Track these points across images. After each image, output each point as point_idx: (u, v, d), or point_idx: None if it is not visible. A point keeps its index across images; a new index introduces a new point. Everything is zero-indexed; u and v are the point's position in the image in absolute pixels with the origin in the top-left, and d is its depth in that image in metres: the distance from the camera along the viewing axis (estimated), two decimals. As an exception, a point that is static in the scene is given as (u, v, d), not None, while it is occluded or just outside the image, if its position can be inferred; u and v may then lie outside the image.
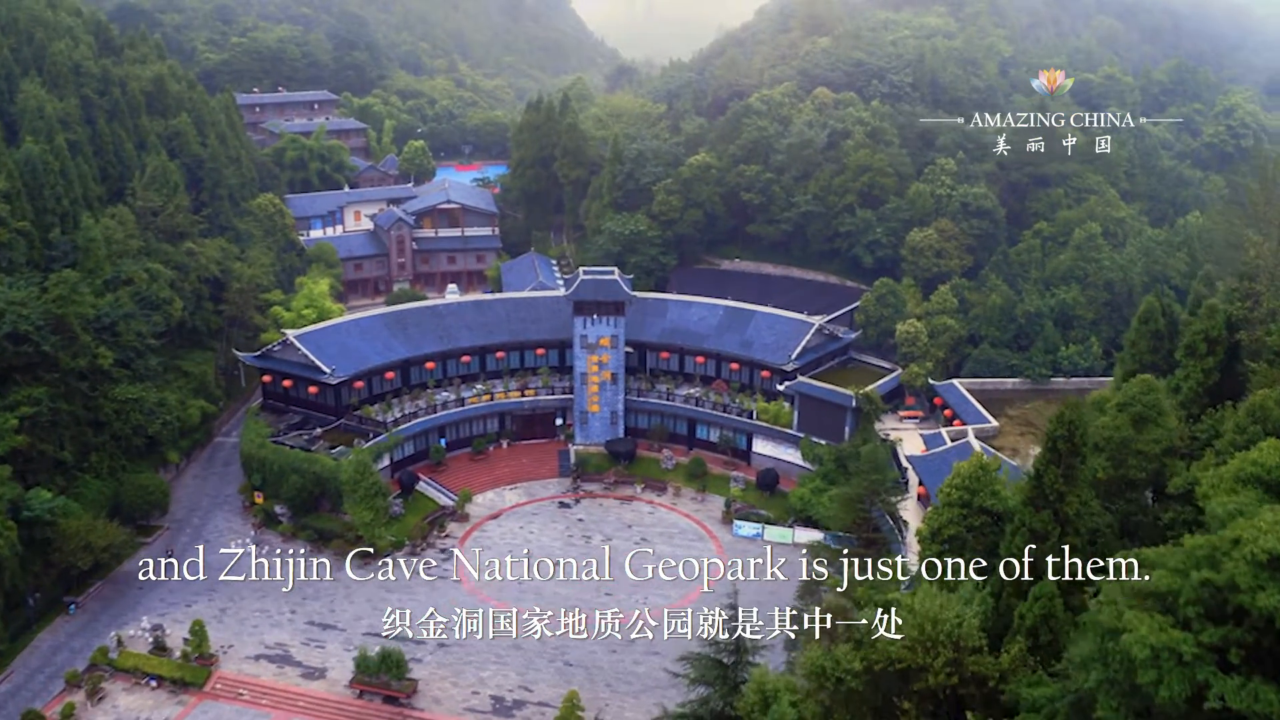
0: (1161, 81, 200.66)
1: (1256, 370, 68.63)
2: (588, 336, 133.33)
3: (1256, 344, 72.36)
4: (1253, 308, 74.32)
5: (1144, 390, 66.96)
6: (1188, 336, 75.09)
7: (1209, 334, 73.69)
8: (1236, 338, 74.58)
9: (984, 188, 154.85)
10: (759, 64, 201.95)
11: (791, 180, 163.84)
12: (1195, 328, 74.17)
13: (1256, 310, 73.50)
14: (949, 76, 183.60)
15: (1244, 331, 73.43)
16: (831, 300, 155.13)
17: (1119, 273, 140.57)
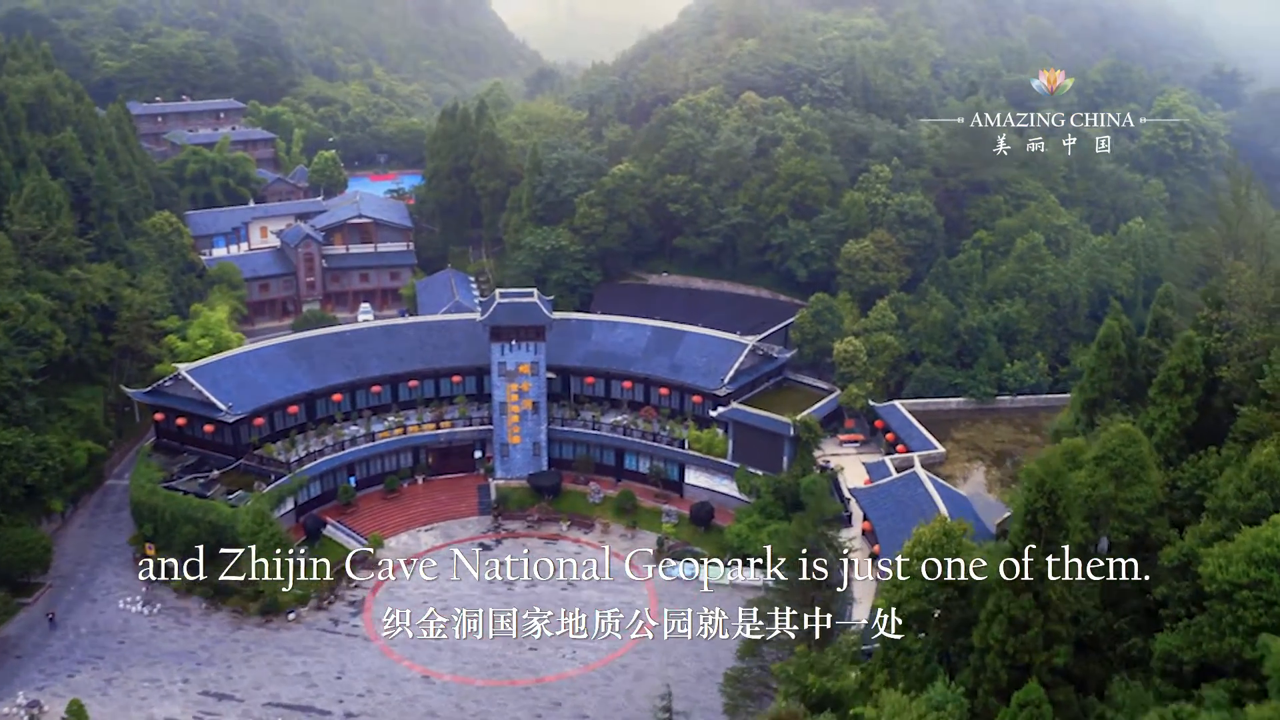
0: (1096, 82, 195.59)
1: (1246, 414, 61.49)
2: (506, 364, 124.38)
3: (1241, 382, 65.37)
4: (1232, 340, 67.22)
5: (1125, 442, 59.42)
6: (1163, 373, 67.97)
7: (1186, 370, 66.62)
8: (1216, 374, 67.49)
9: (920, 195, 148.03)
10: (684, 67, 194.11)
11: (720, 190, 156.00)
12: (1172, 363, 67.04)
13: (1237, 343, 66.41)
14: (881, 79, 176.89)
15: (1225, 367, 66.28)
16: (765, 316, 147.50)
17: (1063, 284, 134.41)
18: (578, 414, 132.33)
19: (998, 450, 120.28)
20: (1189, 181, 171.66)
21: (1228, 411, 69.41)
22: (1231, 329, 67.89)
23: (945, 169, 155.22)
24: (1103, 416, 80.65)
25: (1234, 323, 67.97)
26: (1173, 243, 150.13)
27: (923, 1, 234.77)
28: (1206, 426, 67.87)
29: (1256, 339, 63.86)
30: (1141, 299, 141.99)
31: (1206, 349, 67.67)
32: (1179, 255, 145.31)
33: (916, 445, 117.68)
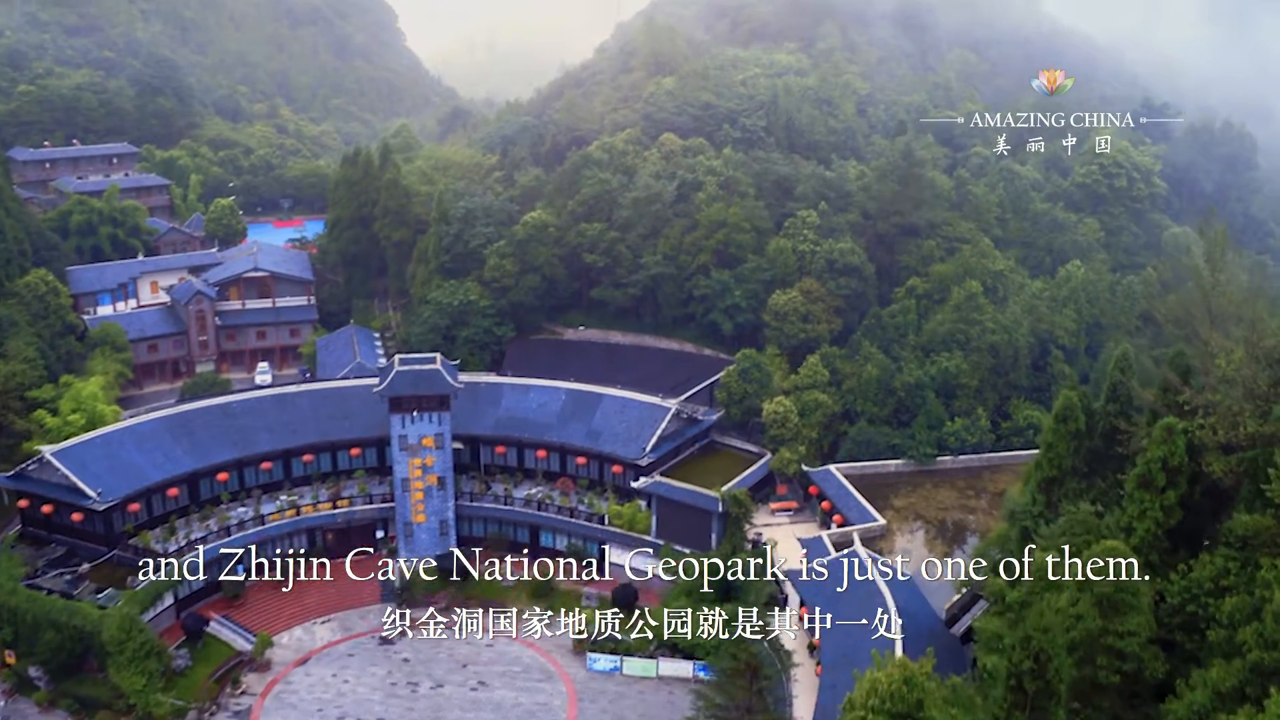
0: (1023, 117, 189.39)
1: (1245, 521, 52.92)
2: (408, 437, 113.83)
3: (1231, 477, 56.98)
4: (1219, 427, 58.71)
5: (1110, 556, 50.53)
6: (1141, 465, 59.42)
7: (1169, 462, 58.06)
8: (1202, 467, 59.02)
9: (850, 242, 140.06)
10: (599, 107, 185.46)
11: (639, 238, 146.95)
12: (1152, 454, 58.52)
13: (1225, 432, 57.94)
14: (805, 118, 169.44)
15: (1214, 460, 57.74)
16: (689, 372, 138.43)
17: (1003, 335, 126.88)
18: (488, 487, 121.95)
19: (941, 519, 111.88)
20: (1125, 220, 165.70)
21: (1209, 499, 61.35)
22: (1216, 413, 59.48)
23: (875, 212, 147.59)
24: (1068, 505, 72.38)
25: (1217, 405, 59.60)
26: (1114, 287, 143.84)
27: (845, 36, 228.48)
28: (1191, 521, 59.55)
29: (1251, 430, 55.42)
30: (1084, 346, 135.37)
31: (1191, 438, 59.23)
32: (1120, 300, 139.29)
33: (854, 516, 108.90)
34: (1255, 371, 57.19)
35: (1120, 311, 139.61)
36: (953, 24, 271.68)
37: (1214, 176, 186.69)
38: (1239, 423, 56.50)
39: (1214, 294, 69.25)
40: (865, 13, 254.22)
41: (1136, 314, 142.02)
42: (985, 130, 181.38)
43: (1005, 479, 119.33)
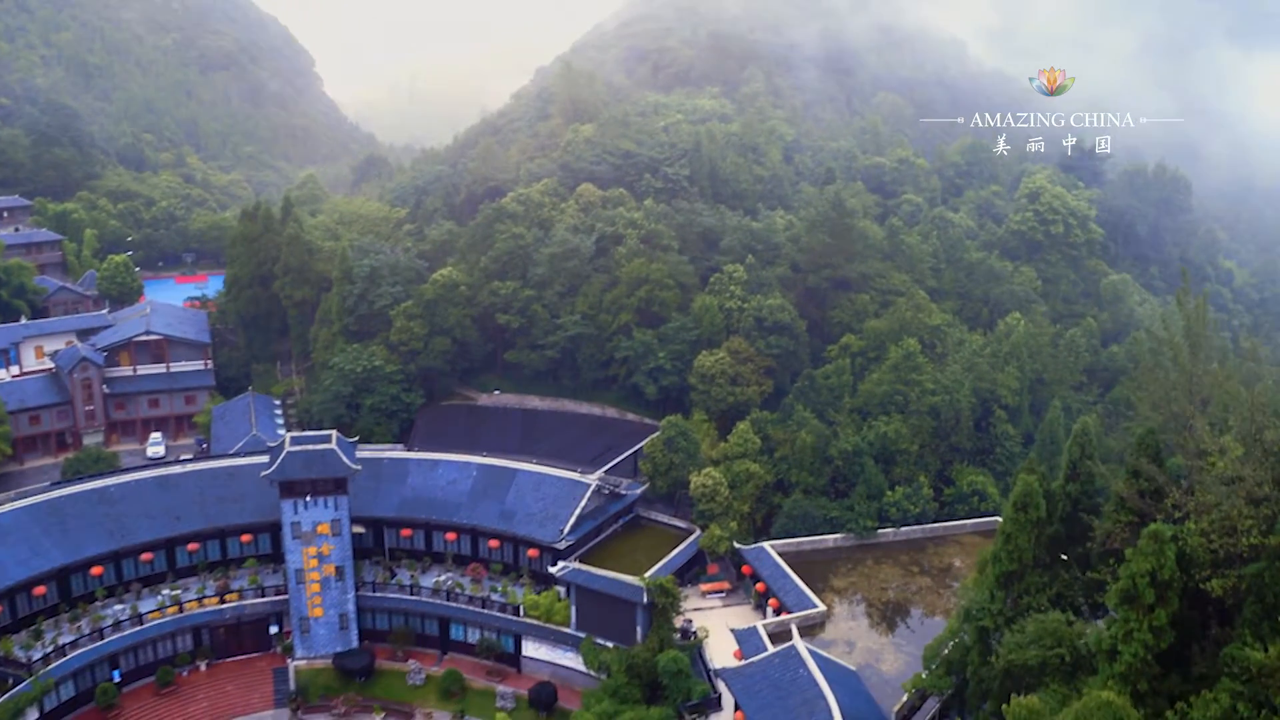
0: (956, 163, 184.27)
1: (1254, 657, 44.67)
2: (301, 524, 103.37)
3: (1229, 594, 48.90)
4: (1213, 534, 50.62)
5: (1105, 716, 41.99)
6: (1125, 578, 51.12)
7: (1158, 576, 49.89)
8: (1197, 583, 50.90)
9: (779, 297, 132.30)
10: (515, 156, 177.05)
11: (556, 297, 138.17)
12: (1138, 567, 50.23)
13: (1220, 541, 49.88)
14: (729, 166, 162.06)
15: (1215, 579, 49.55)
16: (612, 440, 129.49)
17: (944, 396, 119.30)
18: (393, 574, 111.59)
19: (885, 600, 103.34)
20: (1062, 268, 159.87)
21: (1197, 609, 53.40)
22: (1209, 517, 51.40)
23: (805, 265, 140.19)
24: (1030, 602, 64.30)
25: (1209, 508, 51.57)
26: (1056, 339, 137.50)
27: (769, 81, 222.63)
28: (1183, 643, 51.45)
29: (1254, 542, 47.37)
30: (1028, 403, 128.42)
31: (1183, 549, 51.09)
32: (1063, 354, 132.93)
33: (791, 600, 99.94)
34: (1257, 471, 49.24)
35: (1063, 366, 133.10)
36: (879, 67, 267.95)
37: (1149, 220, 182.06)
38: (1239, 531, 48.47)
39: (1196, 377, 61.45)
40: (790, 56, 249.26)
41: (1080, 368, 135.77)
42: (916, 175, 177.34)
43: (951, 552, 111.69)
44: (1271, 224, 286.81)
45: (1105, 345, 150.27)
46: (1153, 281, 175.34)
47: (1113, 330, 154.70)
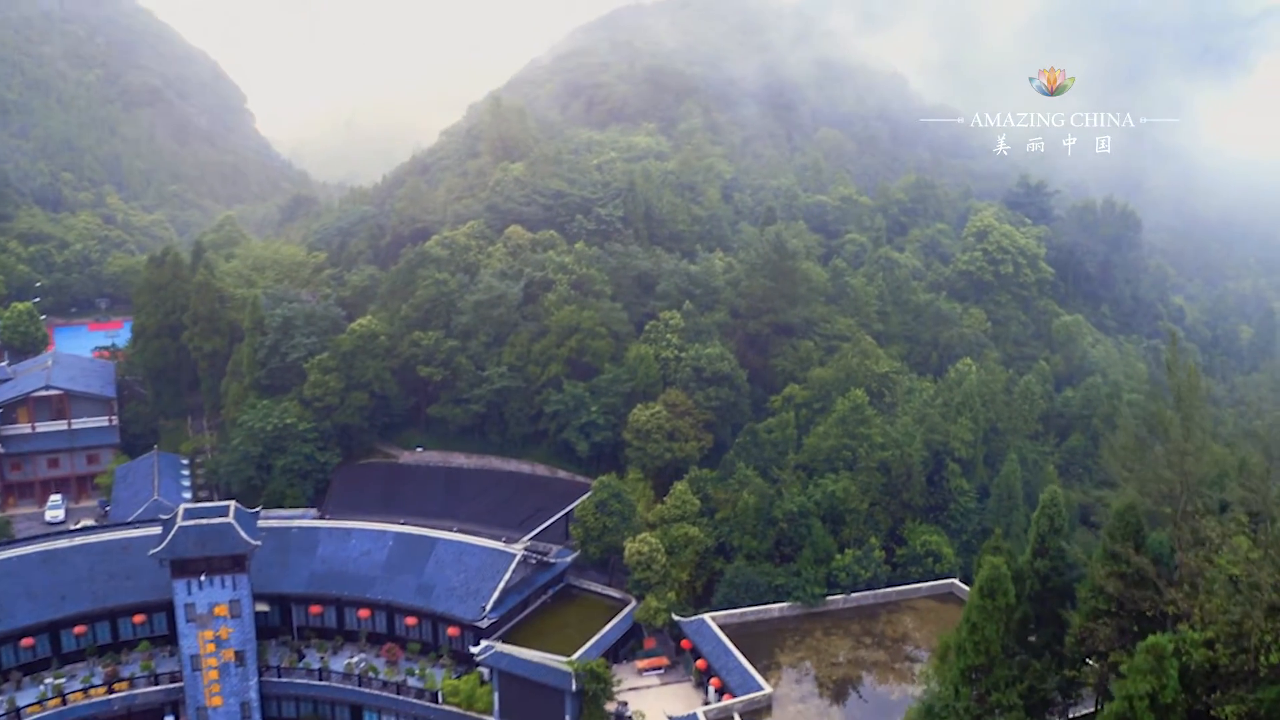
0: (901, 200, 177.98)
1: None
2: (196, 605, 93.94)
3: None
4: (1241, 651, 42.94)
5: None
6: (1120, 699, 43.46)
7: (1158, 699, 42.28)
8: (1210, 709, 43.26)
9: (719, 346, 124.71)
10: (443, 196, 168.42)
11: (481, 347, 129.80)
12: (1136, 688, 42.58)
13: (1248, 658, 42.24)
14: (665, 206, 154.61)
15: (1230, 703, 41.89)
16: (542, 500, 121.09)
17: (894, 450, 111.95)
18: (301, 656, 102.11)
19: (836, 677, 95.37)
20: (1012, 309, 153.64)
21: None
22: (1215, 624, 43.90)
23: (745, 310, 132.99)
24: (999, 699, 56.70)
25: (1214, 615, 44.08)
26: (1010, 386, 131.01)
27: (708, 116, 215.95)
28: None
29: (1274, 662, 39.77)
30: (982, 455, 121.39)
31: (1187, 666, 43.48)
32: (1018, 402, 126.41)
33: (734, 680, 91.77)
34: (1276, 575, 41.71)
35: (1018, 415, 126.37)
36: (820, 102, 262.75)
37: (1099, 257, 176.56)
38: (1257, 648, 40.95)
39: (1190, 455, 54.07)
40: (729, 91, 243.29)
41: (1035, 416, 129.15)
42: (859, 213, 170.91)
43: (905, 620, 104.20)
44: (1217, 257, 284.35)
45: (1059, 389, 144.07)
46: (1104, 321, 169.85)
47: (1066, 373, 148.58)
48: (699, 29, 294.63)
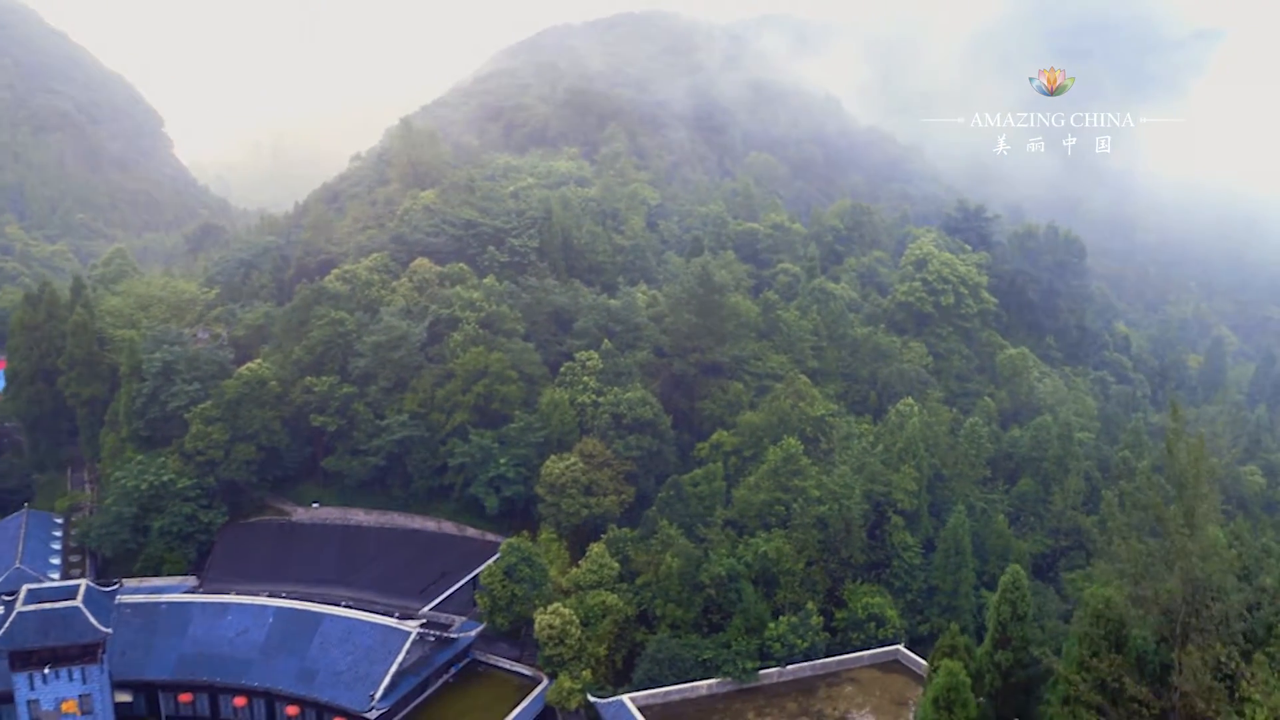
0: (836, 227, 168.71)
1: None
2: (40, 702, 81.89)
3: None
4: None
5: None
6: None
7: None
8: None
9: (640, 390, 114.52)
10: (348, 226, 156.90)
11: (381, 393, 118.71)
12: None
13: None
14: (585, 236, 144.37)
15: None
16: (448, 562, 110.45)
17: (832, 504, 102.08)
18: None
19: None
20: (954, 342, 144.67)
21: None
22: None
23: (670, 349, 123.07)
24: None
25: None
26: (955, 428, 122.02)
27: (634, 141, 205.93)
28: None
29: None
30: (927, 504, 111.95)
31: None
32: (964, 446, 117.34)
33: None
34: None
35: (964, 460, 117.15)
36: (752, 125, 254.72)
37: (1042, 285, 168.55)
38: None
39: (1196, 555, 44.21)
40: (657, 114, 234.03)
41: (983, 460, 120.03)
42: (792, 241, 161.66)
43: (847, 694, 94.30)
44: (1157, 280, 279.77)
45: (1005, 426, 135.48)
46: (1050, 353, 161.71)
47: (1012, 409, 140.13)
48: (627, 50, 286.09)
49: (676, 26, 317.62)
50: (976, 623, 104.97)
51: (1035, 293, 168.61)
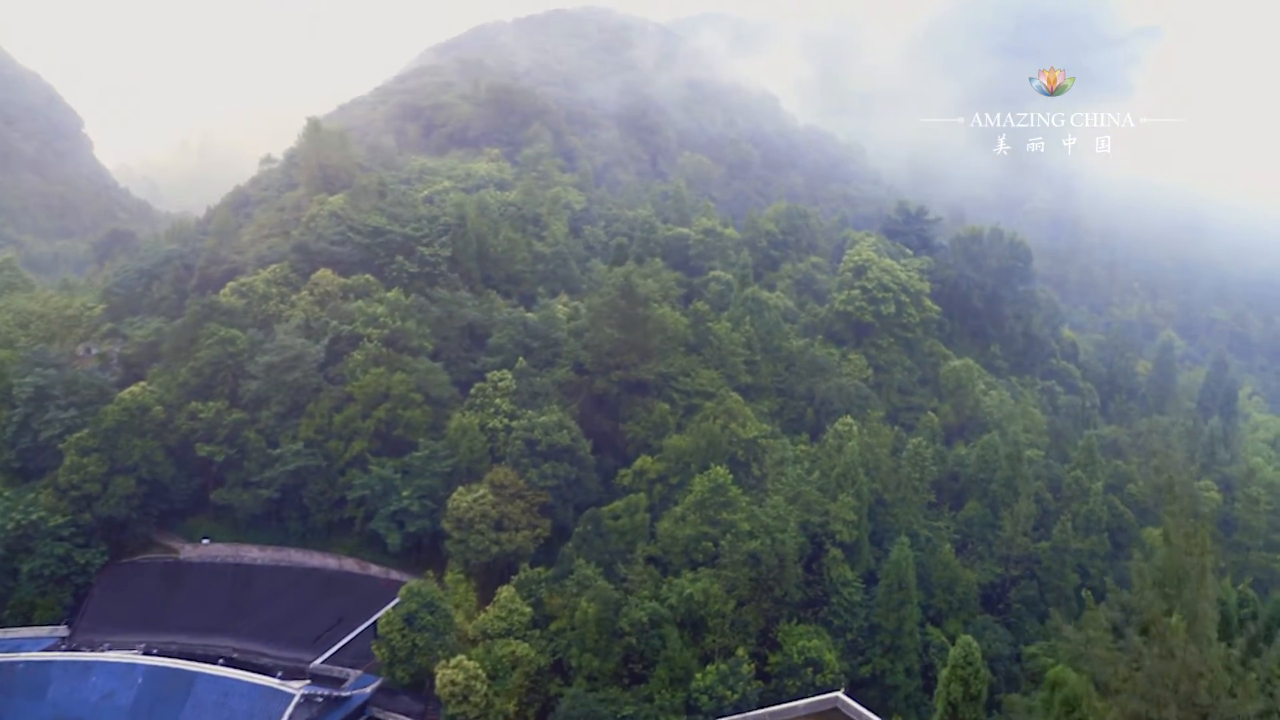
0: (771, 232, 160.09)
1: None
2: None
3: None
4: None
5: None
6: None
7: None
8: None
9: (557, 412, 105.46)
10: (251, 234, 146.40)
11: (274, 419, 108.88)
12: None
13: None
14: (503, 244, 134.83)
15: None
16: (348, 604, 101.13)
17: (764, 539, 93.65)
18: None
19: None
20: (896, 353, 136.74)
21: None
22: None
23: (591, 366, 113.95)
24: None
25: None
26: (897, 450, 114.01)
27: (560, 141, 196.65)
28: None
29: None
30: (868, 533, 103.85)
31: None
32: (907, 469, 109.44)
33: None
34: None
35: (907, 484, 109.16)
36: (687, 124, 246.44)
37: (986, 291, 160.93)
38: None
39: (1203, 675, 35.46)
40: (587, 113, 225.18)
41: (927, 483, 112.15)
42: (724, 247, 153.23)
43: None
44: (1102, 282, 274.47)
45: (950, 442, 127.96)
46: (995, 362, 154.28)
47: (957, 424, 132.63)
48: (559, 48, 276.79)
49: (611, 23, 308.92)
50: (922, 662, 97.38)
51: (980, 299, 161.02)
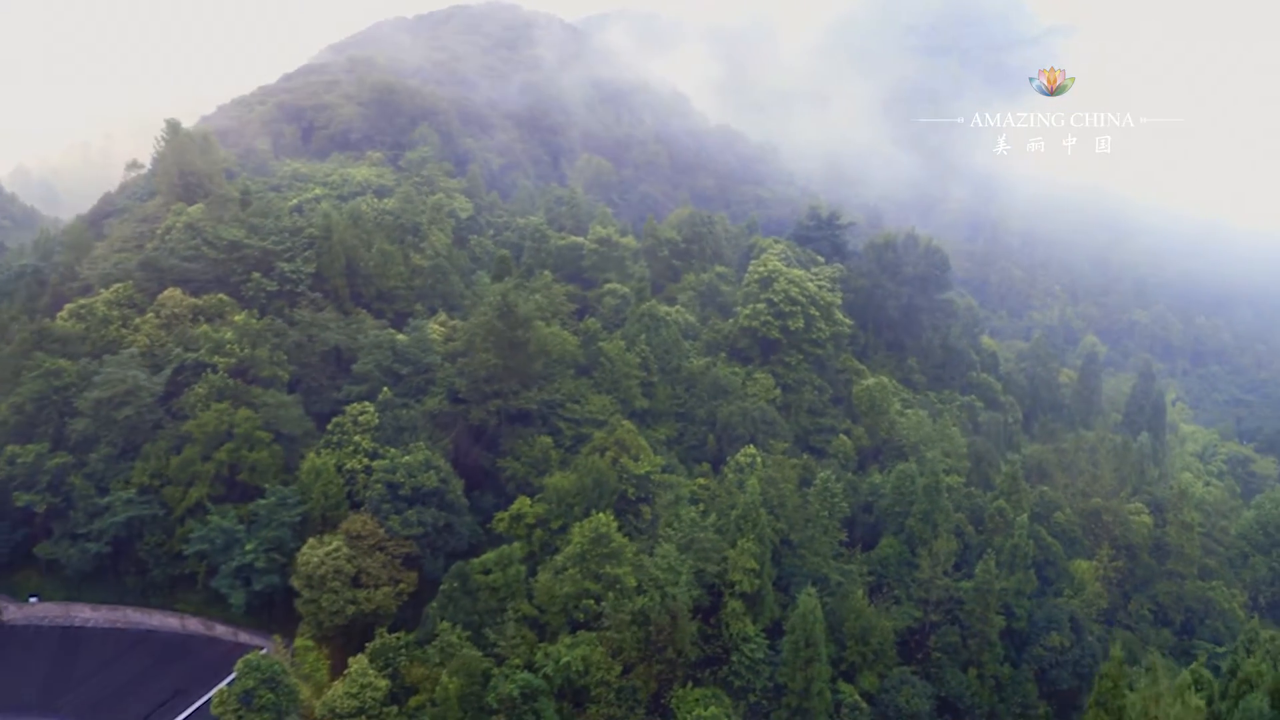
0: (673, 240, 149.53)
1: None
2: None
3: None
4: None
5: None
6: None
7: None
8: None
9: (424, 450, 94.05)
10: (104, 249, 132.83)
11: (104, 463, 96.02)
12: None
13: None
14: (375, 258, 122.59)
15: None
16: (188, 673, 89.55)
17: (654, 594, 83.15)
18: None
19: None
20: (805, 372, 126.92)
21: None
22: None
23: (467, 394, 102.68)
24: None
25: None
26: (805, 485, 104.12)
27: (452, 143, 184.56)
28: None
29: None
30: (773, 580, 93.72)
31: None
32: (815, 506, 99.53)
33: None
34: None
35: (816, 525, 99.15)
36: (592, 125, 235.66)
37: (902, 301, 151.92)
38: None
39: None
40: (485, 114, 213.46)
41: (838, 521, 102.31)
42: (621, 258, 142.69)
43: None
44: (1021, 285, 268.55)
45: (863, 467, 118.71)
46: (911, 376, 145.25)
47: (871, 447, 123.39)
48: (458, 45, 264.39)
49: (514, 20, 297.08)
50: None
51: (895, 309, 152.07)
